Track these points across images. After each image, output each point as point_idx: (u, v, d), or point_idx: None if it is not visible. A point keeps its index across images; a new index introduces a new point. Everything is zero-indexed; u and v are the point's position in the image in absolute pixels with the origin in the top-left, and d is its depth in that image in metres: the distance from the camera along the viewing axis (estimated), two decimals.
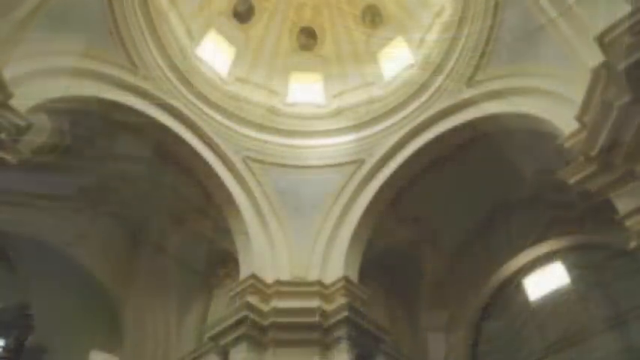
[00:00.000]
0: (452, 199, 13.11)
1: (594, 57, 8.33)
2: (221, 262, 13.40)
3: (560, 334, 11.74)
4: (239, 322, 10.59)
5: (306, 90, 14.92)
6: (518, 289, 13.12)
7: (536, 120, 10.26)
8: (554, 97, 9.87)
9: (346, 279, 11.58)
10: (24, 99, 9.09)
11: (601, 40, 8.10)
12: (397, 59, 14.53)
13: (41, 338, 6.59)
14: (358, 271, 12.12)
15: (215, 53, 14.44)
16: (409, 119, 12.60)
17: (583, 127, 8.59)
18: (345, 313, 10.79)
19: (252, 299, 10.97)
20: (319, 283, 11.49)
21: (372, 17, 15.41)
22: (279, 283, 11.40)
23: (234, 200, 12.26)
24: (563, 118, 9.45)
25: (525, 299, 12.91)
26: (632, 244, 7.75)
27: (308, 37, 15.66)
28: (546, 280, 12.80)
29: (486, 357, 12.89)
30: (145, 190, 12.92)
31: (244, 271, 11.68)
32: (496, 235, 13.32)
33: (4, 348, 6.22)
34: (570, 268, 12.54)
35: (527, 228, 12.89)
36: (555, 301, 12.35)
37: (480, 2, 11.23)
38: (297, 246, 12.25)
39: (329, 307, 11.07)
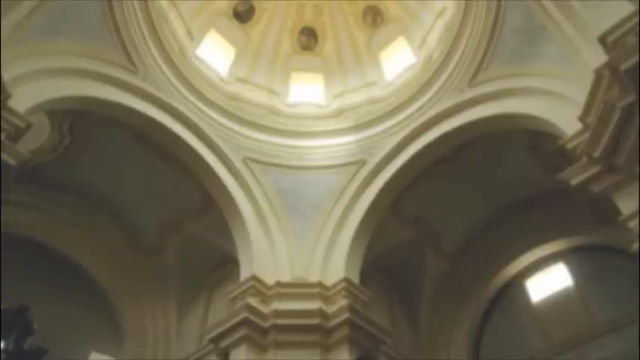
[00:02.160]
0: (454, 200, 13.05)
1: (597, 57, 8.28)
2: (221, 263, 13.34)
3: (562, 336, 11.66)
4: (239, 324, 10.52)
5: (306, 90, 14.86)
6: (521, 290, 13.05)
7: (538, 120, 10.20)
8: (556, 98, 9.81)
9: (347, 280, 11.50)
10: (23, 99, 9.04)
11: (604, 40, 8.06)
12: (398, 59, 14.47)
13: (41, 339, 6.53)
14: (359, 273, 12.05)
15: (215, 53, 14.39)
16: (411, 120, 12.52)
17: (586, 128, 8.52)
18: (346, 315, 10.71)
19: (253, 301, 10.89)
20: (320, 284, 11.42)
21: (374, 17, 15.36)
22: (279, 284, 11.33)
23: (234, 201, 12.19)
24: (565, 118, 9.38)
25: (528, 301, 12.82)
26: (635, 246, 7.68)
27: (309, 37, 15.60)
28: (549, 282, 12.71)
29: (488, 358, 12.81)
30: (144, 190, 12.88)
31: (244, 273, 11.62)
32: (498, 236, 13.24)
33: (3, 350, 6.15)
34: (573, 270, 12.47)
35: (529, 229, 12.82)
36: (558, 302, 12.28)
37: (481, 2, 11.17)
38: (298, 247, 12.19)
39: (330, 309, 11.00)
